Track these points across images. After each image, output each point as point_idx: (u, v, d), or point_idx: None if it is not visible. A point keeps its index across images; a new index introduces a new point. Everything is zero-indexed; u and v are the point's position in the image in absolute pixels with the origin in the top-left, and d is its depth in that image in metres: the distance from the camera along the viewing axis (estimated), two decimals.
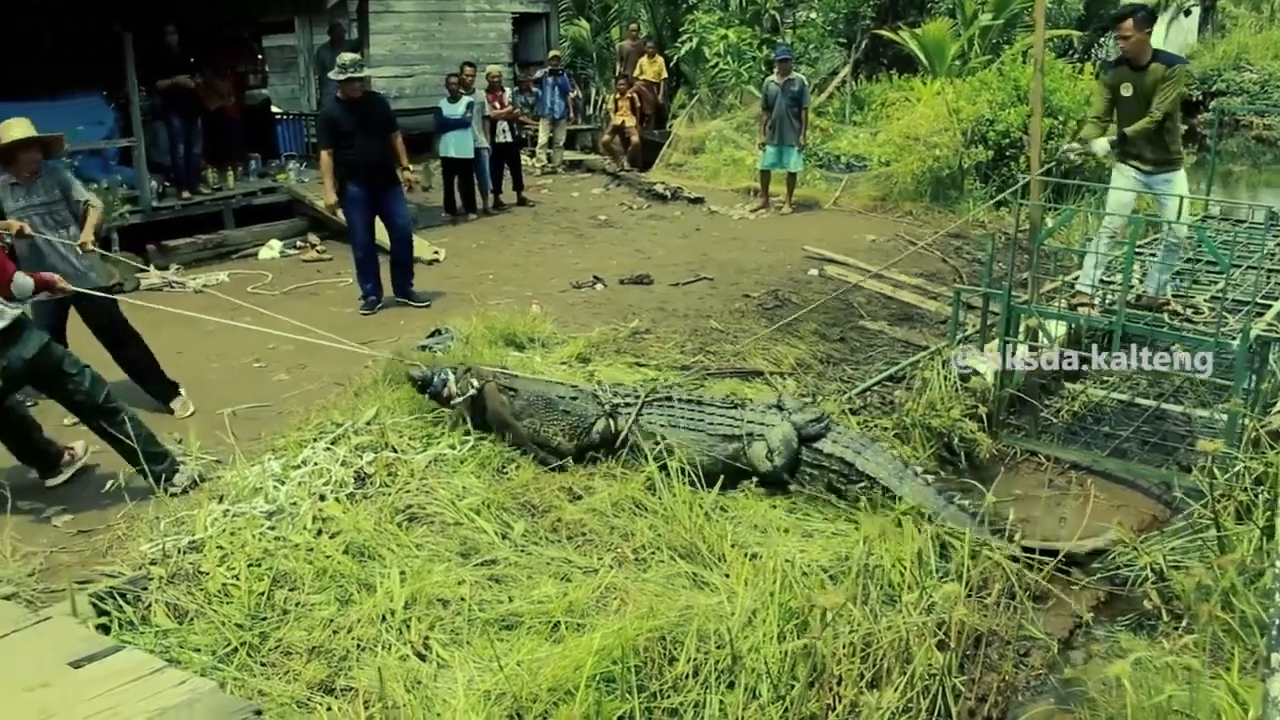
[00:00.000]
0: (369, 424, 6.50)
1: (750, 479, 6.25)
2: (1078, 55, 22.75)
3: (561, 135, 18.05)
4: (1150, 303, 7.96)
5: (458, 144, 13.68)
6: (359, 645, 4.72)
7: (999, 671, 5.28)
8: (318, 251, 12.36)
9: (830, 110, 18.62)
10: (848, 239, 12.35)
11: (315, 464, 6.01)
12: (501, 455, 6.35)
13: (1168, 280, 8.20)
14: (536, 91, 17.00)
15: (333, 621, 4.84)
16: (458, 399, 6.48)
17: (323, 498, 5.69)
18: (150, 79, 12.08)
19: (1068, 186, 11.00)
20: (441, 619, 4.88)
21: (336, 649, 4.70)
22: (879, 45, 20.59)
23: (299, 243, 12.78)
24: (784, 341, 8.72)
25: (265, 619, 4.88)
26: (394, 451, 6.22)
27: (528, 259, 11.85)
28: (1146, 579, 5.78)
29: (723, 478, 6.19)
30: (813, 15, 21.65)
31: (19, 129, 6.81)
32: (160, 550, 5.21)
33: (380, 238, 9.89)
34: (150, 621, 4.79)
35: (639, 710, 4.33)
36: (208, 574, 5.08)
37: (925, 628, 5.06)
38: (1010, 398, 7.91)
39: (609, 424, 6.44)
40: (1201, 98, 25.64)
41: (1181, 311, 7.85)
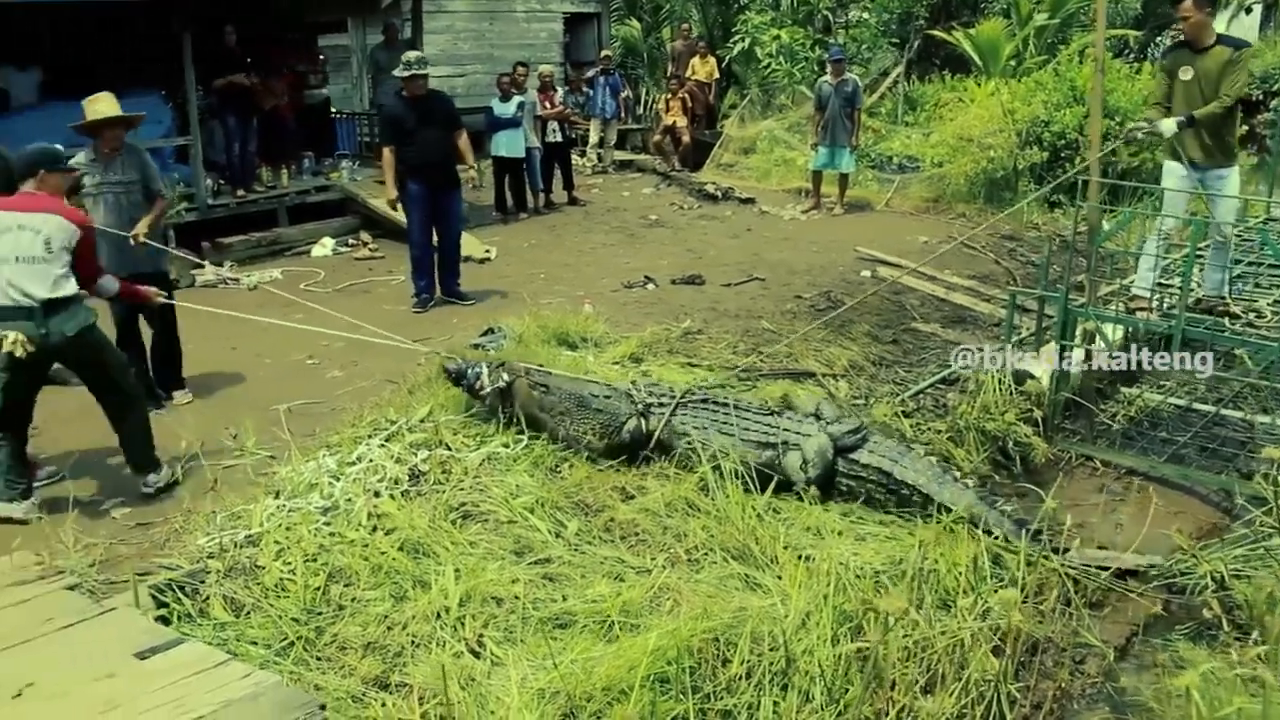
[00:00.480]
0: (423, 421, 6.53)
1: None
2: (1134, 55, 22.46)
3: (612, 135, 18.06)
4: (1210, 306, 7.84)
5: (508, 143, 13.73)
6: (414, 641, 4.73)
7: (1054, 679, 5.23)
8: (370, 249, 12.44)
9: (882, 111, 18.50)
10: (900, 240, 12.25)
11: (370, 461, 6.04)
12: (554, 455, 6.35)
13: (1223, 280, 8.07)
14: (588, 91, 17.02)
15: (388, 617, 4.86)
16: (487, 390, 6.49)
17: (377, 494, 5.71)
18: (207, 79, 12.22)
19: (1123, 188, 10.87)
20: (495, 617, 4.88)
21: (391, 645, 4.72)
22: (931, 45, 20.44)
23: (351, 240, 12.88)
24: (836, 343, 8.66)
25: (321, 614, 4.90)
26: (448, 449, 6.24)
27: (579, 258, 11.87)
28: (1206, 588, 5.70)
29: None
30: (865, 15, 21.52)
31: (106, 105, 6.96)
32: (217, 544, 5.25)
33: None
34: (208, 614, 4.83)
35: (693, 711, 4.32)
36: (264, 568, 5.12)
37: (981, 633, 5.01)
38: (1066, 402, 7.82)
39: (640, 424, 6.40)
40: (1262, 97, 25.18)
41: (1242, 315, 7.73)
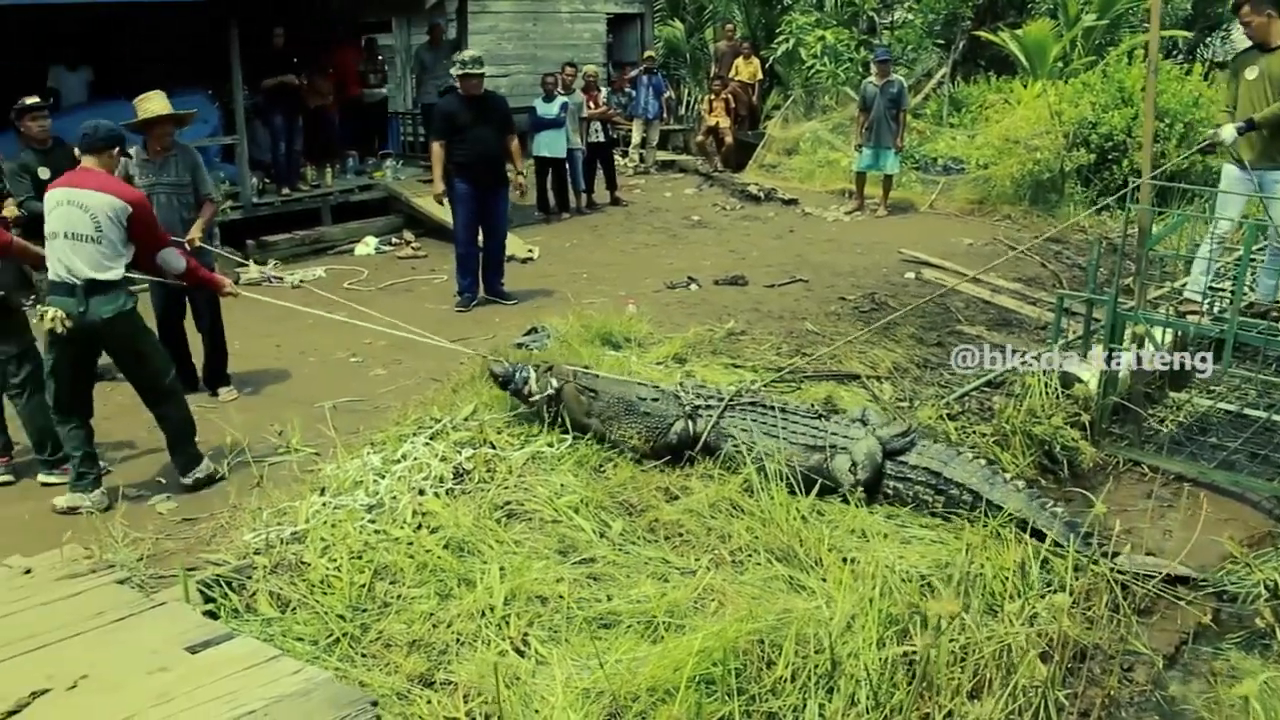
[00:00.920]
0: (467, 420, 6.54)
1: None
2: (1182, 56, 22.21)
3: (655, 135, 18.05)
4: (1263, 310, 7.73)
5: (550, 143, 13.75)
6: (458, 640, 4.73)
7: (1102, 686, 5.18)
8: (413, 248, 12.51)
9: (927, 112, 18.38)
10: (944, 242, 12.17)
11: (415, 459, 6.05)
12: (599, 454, 6.35)
13: (1277, 285, 7.95)
14: (630, 92, 17.02)
15: (432, 615, 4.86)
16: (535, 396, 6.50)
17: (422, 492, 5.72)
18: (254, 78, 12.33)
19: (1173, 190, 10.74)
20: (540, 616, 4.89)
21: (436, 643, 4.72)
22: (977, 46, 20.28)
23: (394, 239, 12.95)
24: (880, 345, 8.60)
25: (366, 611, 4.91)
26: (492, 448, 6.25)
27: (621, 258, 11.87)
28: (1259, 596, 5.62)
29: None
30: (910, 16, 21.39)
31: (158, 103, 7.03)
32: (263, 540, 5.28)
33: None
34: (255, 610, 4.86)
35: (738, 713, 4.31)
36: (309, 565, 5.13)
37: (1029, 638, 4.96)
38: (1114, 406, 7.73)
39: (688, 426, 6.38)
40: None
41: None
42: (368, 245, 12.53)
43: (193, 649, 3.89)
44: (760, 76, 19.13)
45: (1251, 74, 7.58)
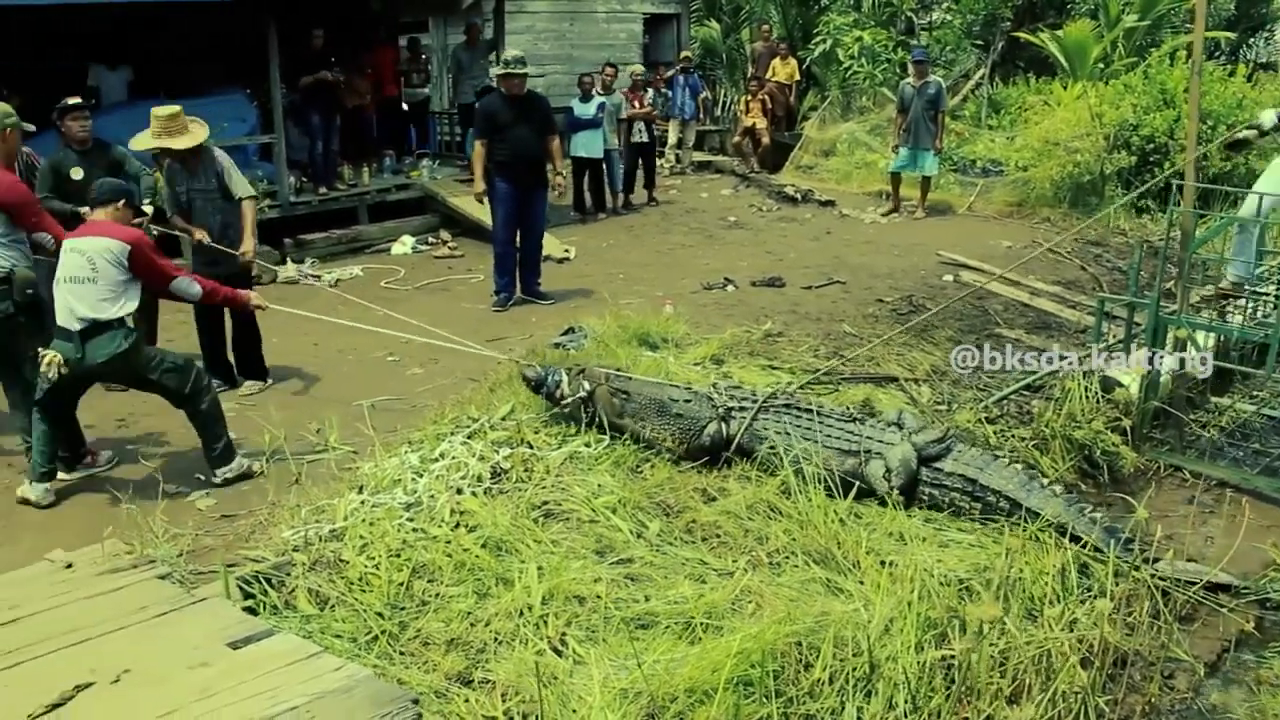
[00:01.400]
0: (504, 419, 6.55)
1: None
2: (1225, 57, 21.99)
3: (691, 136, 18.05)
4: None
5: (587, 143, 13.77)
6: (496, 639, 4.73)
7: (1143, 693, 5.12)
8: (449, 248, 12.55)
9: (965, 114, 18.28)
10: (983, 245, 12.09)
11: (452, 458, 6.06)
12: (636, 455, 6.34)
13: None
14: (667, 92, 17.03)
15: (470, 614, 4.87)
16: (568, 399, 6.50)
17: (460, 491, 5.73)
18: (291, 77, 12.40)
19: (1214, 193, 10.62)
20: (578, 615, 4.88)
21: (474, 641, 4.72)
22: (1016, 47, 20.15)
23: (431, 239, 13.01)
24: (918, 348, 8.56)
25: (404, 609, 4.92)
26: (530, 448, 6.25)
27: (658, 259, 11.87)
28: None
29: None
30: (949, 17, 21.26)
31: (186, 139, 7.37)
32: (302, 537, 5.31)
33: None
34: (294, 606, 4.88)
35: (776, 715, 4.28)
36: (348, 562, 5.15)
37: (1069, 644, 4.92)
38: (1155, 410, 7.65)
39: (721, 428, 6.36)
40: None
41: None
42: (404, 244, 12.59)
43: (234, 644, 3.92)
44: (797, 77, 19.09)
45: None
